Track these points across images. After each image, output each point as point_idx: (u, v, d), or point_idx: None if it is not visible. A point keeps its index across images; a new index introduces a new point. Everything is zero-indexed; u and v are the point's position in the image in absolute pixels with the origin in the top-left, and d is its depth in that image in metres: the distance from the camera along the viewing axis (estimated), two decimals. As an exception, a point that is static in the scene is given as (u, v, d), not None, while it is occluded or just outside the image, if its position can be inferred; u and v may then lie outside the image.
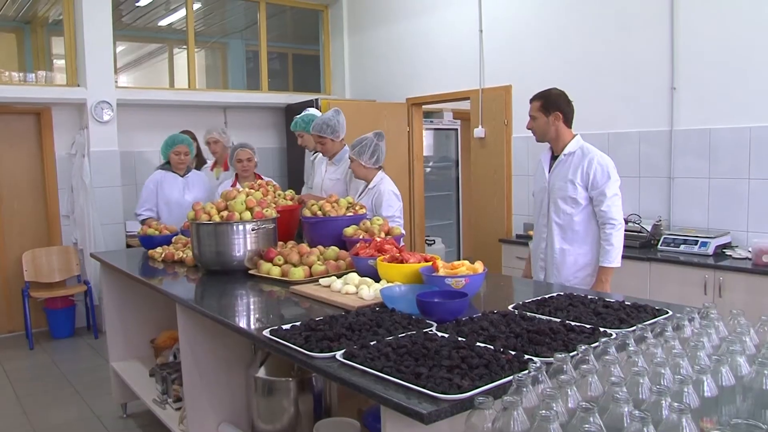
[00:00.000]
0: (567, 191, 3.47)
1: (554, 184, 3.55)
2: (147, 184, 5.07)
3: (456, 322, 2.17)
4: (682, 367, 1.55)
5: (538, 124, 3.55)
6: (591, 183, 3.40)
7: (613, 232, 3.36)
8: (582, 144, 3.52)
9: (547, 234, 3.61)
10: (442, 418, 1.51)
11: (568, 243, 3.53)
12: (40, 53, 7.06)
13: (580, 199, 3.45)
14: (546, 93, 3.60)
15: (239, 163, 4.87)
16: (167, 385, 3.68)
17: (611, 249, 3.36)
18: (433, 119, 8.15)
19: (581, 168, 3.44)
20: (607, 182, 3.38)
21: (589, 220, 3.49)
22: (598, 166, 3.40)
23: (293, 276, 3.14)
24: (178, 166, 5.05)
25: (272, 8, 7.87)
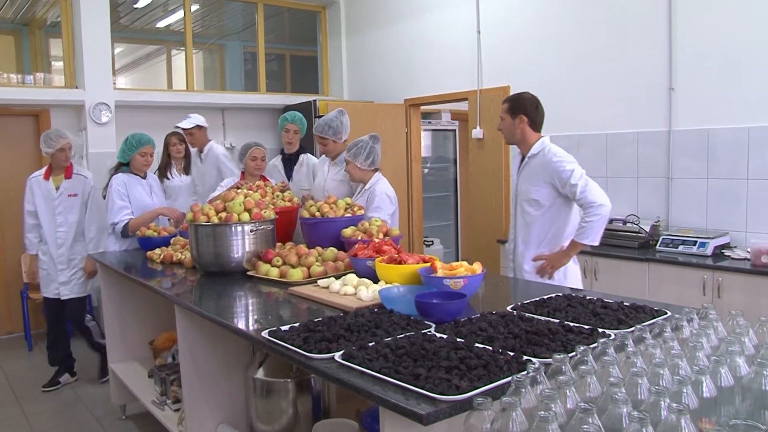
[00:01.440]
0: (530, 193, 3.53)
1: (521, 186, 3.62)
2: (116, 188, 4.50)
3: (454, 323, 2.17)
4: (680, 368, 1.55)
5: (505, 125, 3.62)
6: (558, 182, 3.43)
7: (593, 211, 3.33)
8: (545, 146, 3.55)
9: (515, 235, 3.69)
10: (441, 419, 1.51)
11: (529, 244, 3.58)
12: (38, 55, 7.06)
13: (543, 201, 3.49)
14: (515, 96, 3.67)
15: (253, 161, 4.78)
16: (166, 386, 3.68)
17: (586, 226, 3.34)
18: (431, 120, 8.16)
19: (543, 170, 3.48)
20: (571, 173, 3.38)
21: (551, 223, 3.53)
22: (557, 164, 3.43)
23: (292, 277, 3.14)
24: (142, 168, 4.66)
25: (270, 9, 7.87)
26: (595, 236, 3.36)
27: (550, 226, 3.53)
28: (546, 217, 3.52)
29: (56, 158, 4.76)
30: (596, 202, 3.33)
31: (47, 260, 4.87)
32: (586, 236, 3.35)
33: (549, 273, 3.50)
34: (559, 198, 3.48)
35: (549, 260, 3.50)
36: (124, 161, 4.64)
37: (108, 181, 4.62)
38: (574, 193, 3.36)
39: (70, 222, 4.84)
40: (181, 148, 5.80)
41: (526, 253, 3.59)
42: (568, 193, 3.41)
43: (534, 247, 3.57)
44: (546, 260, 3.51)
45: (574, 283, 3.54)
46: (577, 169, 3.39)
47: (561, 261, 3.49)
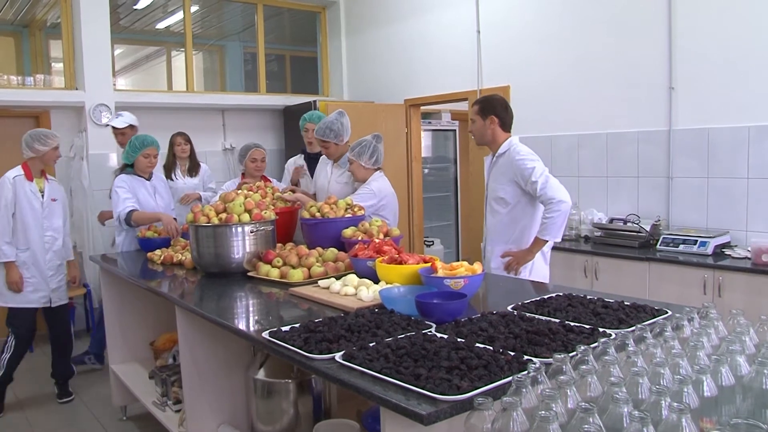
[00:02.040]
0: (497, 191, 3.63)
1: (490, 185, 3.72)
2: (119, 185, 4.51)
3: (455, 323, 2.17)
4: (681, 367, 1.55)
5: (476, 127, 3.70)
6: (521, 179, 3.50)
7: (552, 207, 3.40)
8: (512, 145, 3.61)
9: (485, 233, 3.79)
10: (442, 419, 1.51)
11: (497, 243, 3.68)
12: (39, 56, 7.06)
13: (509, 198, 3.59)
14: (485, 98, 3.75)
15: (253, 162, 4.84)
16: (167, 387, 3.68)
17: (547, 222, 3.43)
18: (431, 120, 8.16)
19: (508, 168, 3.56)
20: (532, 171, 3.45)
21: (517, 221, 3.62)
22: (519, 162, 3.50)
23: (292, 278, 3.14)
24: (146, 170, 4.65)
25: (270, 10, 7.87)
26: (556, 232, 3.44)
27: (516, 223, 3.62)
28: (512, 215, 3.62)
29: (48, 157, 4.54)
30: (555, 198, 3.39)
31: (32, 267, 4.53)
32: (548, 233, 3.44)
33: (515, 269, 3.59)
34: (524, 196, 3.57)
35: (515, 257, 3.59)
36: (129, 163, 4.65)
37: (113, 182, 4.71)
38: (535, 189, 3.44)
39: (55, 226, 4.63)
40: (186, 148, 5.79)
41: (495, 250, 3.68)
42: (530, 190, 3.48)
43: (502, 244, 3.66)
44: (512, 257, 3.59)
45: (540, 279, 3.63)
46: (539, 167, 3.46)
47: (526, 258, 3.58)
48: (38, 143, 4.47)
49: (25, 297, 4.51)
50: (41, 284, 4.56)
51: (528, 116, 5.58)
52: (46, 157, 4.54)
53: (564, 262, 4.73)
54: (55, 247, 4.63)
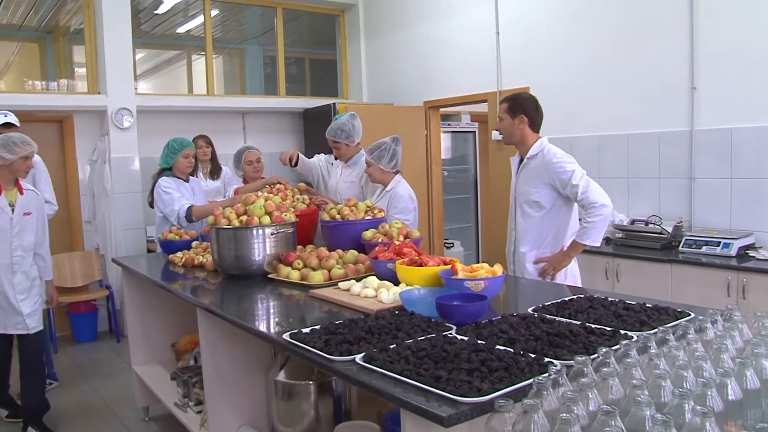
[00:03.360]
0: (530, 195, 3.52)
1: (520, 188, 3.61)
2: (165, 186, 4.60)
3: (475, 325, 2.17)
4: (705, 370, 1.53)
5: (503, 126, 3.58)
6: (559, 183, 3.41)
7: (595, 211, 3.33)
8: (544, 146, 3.53)
9: (515, 238, 3.67)
10: (462, 421, 1.51)
11: (531, 246, 3.58)
12: (62, 62, 7.15)
13: (544, 202, 3.49)
14: (514, 96, 3.64)
15: (249, 165, 4.89)
16: (188, 388, 3.70)
17: (588, 226, 3.35)
18: (450, 122, 8.15)
19: (543, 171, 3.46)
20: (571, 174, 3.36)
21: (551, 224, 3.53)
22: (557, 165, 3.41)
23: (312, 280, 3.15)
24: (186, 170, 4.77)
25: (289, 13, 7.91)
26: (597, 237, 3.37)
27: (550, 227, 3.54)
28: (546, 219, 3.52)
29: (16, 167, 3.94)
30: (598, 202, 3.33)
31: None
32: (588, 237, 3.36)
33: (551, 275, 3.51)
34: (560, 199, 3.48)
35: (550, 262, 3.52)
36: (167, 166, 4.73)
37: (153, 186, 4.74)
38: (576, 193, 3.36)
39: (25, 245, 4.05)
40: (207, 150, 5.85)
41: (528, 255, 3.59)
42: (569, 194, 3.41)
43: (535, 248, 3.57)
44: (548, 262, 3.52)
45: (574, 283, 3.57)
46: (578, 170, 3.38)
47: (562, 262, 3.51)
48: (4, 150, 3.86)
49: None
50: (10, 311, 4.01)
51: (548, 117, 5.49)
52: (14, 167, 3.93)
53: (585, 264, 4.68)
54: (24, 268, 4.06)
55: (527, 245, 3.59)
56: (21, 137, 3.95)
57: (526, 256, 3.59)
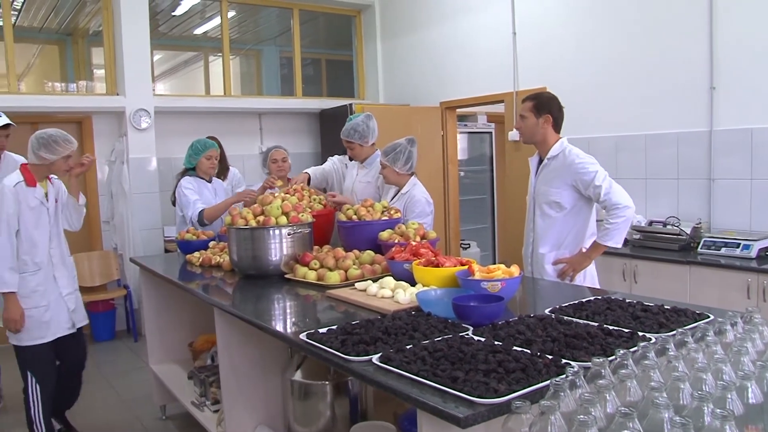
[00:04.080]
0: (551, 195, 3.50)
1: (539, 188, 3.58)
2: (185, 186, 4.68)
3: (492, 326, 2.16)
4: (724, 373, 1.52)
5: (527, 125, 3.54)
6: (581, 184, 3.40)
7: (618, 213, 3.32)
8: (565, 147, 3.51)
9: (533, 238, 3.65)
10: (479, 422, 1.51)
11: (550, 247, 3.56)
12: (81, 64, 7.22)
13: (564, 203, 3.47)
14: (539, 95, 3.62)
15: (274, 163, 4.92)
16: (205, 387, 3.72)
17: (610, 227, 3.33)
18: (467, 123, 8.14)
19: (565, 172, 3.45)
20: (594, 175, 3.36)
21: (571, 225, 3.52)
22: (579, 165, 3.40)
23: (329, 280, 3.16)
24: (209, 171, 4.86)
25: (305, 15, 7.94)
26: (619, 238, 3.35)
27: (570, 228, 3.52)
28: (566, 219, 3.51)
29: (56, 167, 3.71)
30: (621, 203, 3.32)
31: (47, 292, 3.73)
32: (610, 238, 3.34)
33: (571, 276, 3.49)
34: (581, 200, 3.47)
35: (570, 263, 3.49)
36: (191, 166, 4.84)
37: (176, 185, 4.83)
38: (598, 194, 3.34)
39: (62, 234, 3.87)
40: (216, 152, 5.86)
41: (547, 256, 3.56)
42: (591, 195, 3.40)
43: (555, 249, 3.55)
44: (567, 263, 3.50)
45: (592, 284, 3.55)
46: (601, 171, 3.37)
47: (582, 264, 3.49)
48: (46, 151, 3.62)
49: (45, 329, 3.71)
50: (61, 309, 3.79)
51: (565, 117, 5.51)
52: (54, 167, 3.71)
53: (602, 266, 4.65)
54: (67, 261, 3.91)
55: (546, 246, 3.56)
56: (63, 135, 3.70)
57: (545, 257, 3.56)
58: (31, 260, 3.64)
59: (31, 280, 3.64)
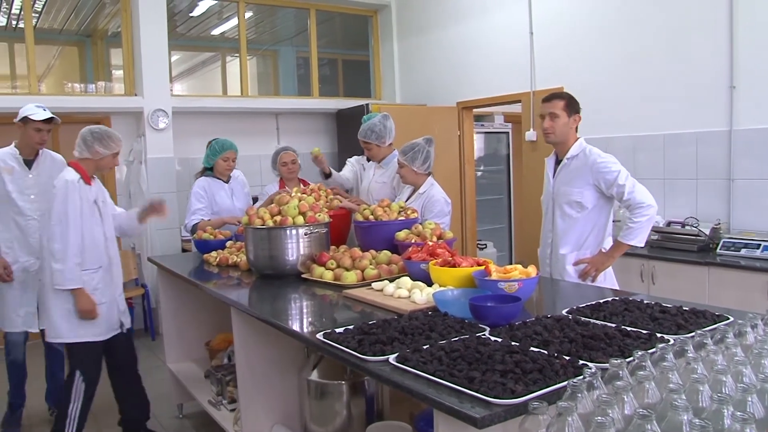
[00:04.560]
0: (572, 195, 3.48)
1: (559, 189, 3.56)
2: (196, 190, 4.72)
3: (509, 327, 2.16)
4: (744, 375, 1.50)
5: (559, 124, 3.48)
6: (603, 184, 3.39)
7: (642, 212, 3.31)
8: (584, 147, 3.50)
9: (552, 239, 3.63)
10: (496, 422, 1.50)
11: (572, 248, 3.54)
12: (100, 65, 7.28)
13: (586, 203, 3.46)
14: (568, 94, 3.59)
15: (284, 166, 4.87)
16: (222, 386, 3.74)
17: (634, 226, 3.32)
18: (483, 123, 8.12)
19: (586, 171, 3.43)
20: (617, 174, 3.35)
21: (594, 225, 3.51)
22: (601, 165, 3.39)
23: (346, 280, 3.16)
24: (225, 173, 4.84)
25: (322, 15, 7.95)
26: (642, 237, 3.34)
27: (591, 227, 3.52)
28: (588, 219, 3.50)
29: (104, 163, 3.76)
30: (645, 202, 3.32)
31: (106, 289, 3.73)
32: (634, 237, 3.33)
33: (593, 276, 3.47)
34: (601, 199, 3.47)
35: (592, 263, 3.48)
36: (209, 166, 4.83)
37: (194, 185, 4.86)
38: (622, 193, 3.34)
39: (114, 234, 3.88)
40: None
41: (569, 256, 3.55)
42: (614, 194, 3.39)
43: (576, 249, 3.54)
44: (589, 263, 3.48)
45: (612, 285, 3.53)
46: (623, 170, 3.37)
47: (605, 263, 3.48)
48: (99, 144, 3.66)
49: (97, 327, 3.68)
50: (114, 309, 3.79)
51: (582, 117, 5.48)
52: (103, 163, 3.74)
53: (620, 266, 4.62)
54: (119, 261, 3.92)
55: (567, 246, 3.55)
56: (114, 132, 3.79)
57: (566, 257, 3.55)
58: (93, 258, 3.65)
59: (93, 278, 3.65)
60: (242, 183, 5.06)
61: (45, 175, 4.09)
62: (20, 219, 4.09)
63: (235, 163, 4.88)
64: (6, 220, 4.10)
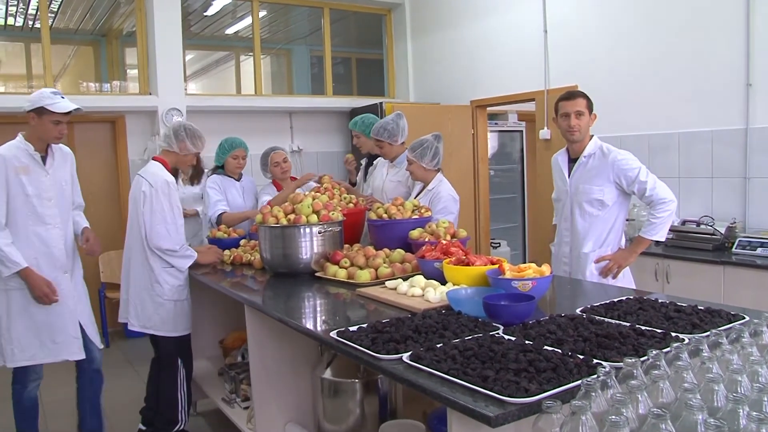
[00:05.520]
0: (593, 193, 3.49)
1: (577, 187, 3.56)
2: (210, 185, 4.70)
3: (523, 326, 2.15)
4: (760, 375, 1.50)
5: (584, 122, 3.50)
6: (625, 181, 3.42)
7: (665, 207, 3.36)
8: (600, 144, 3.54)
9: (571, 238, 3.63)
10: (509, 421, 1.50)
11: (593, 245, 3.54)
12: (115, 64, 7.34)
13: (607, 200, 3.48)
14: (581, 92, 3.62)
15: (276, 166, 4.80)
16: (236, 384, 3.76)
17: (657, 222, 3.38)
18: (497, 121, 8.10)
19: (606, 169, 3.45)
20: (639, 171, 3.39)
21: (614, 222, 3.54)
22: (622, 162, 3.43)
23: (359, 278, 3.17)
24: (235, 171, 4.84)
25: (336, 13, 7.97)
26: (664, 232, 3.40)
27: (612, 224, 3.54)
28: (607, 216, 3.52)
29: (186, 161, 3.89)
30: (667, 198, 3.37)
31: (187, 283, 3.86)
32: (656, 232, 3.38)
33: (615, 273, 3.48)
34: (620, 196, 3.50)
35: (614, 260, 3.48)
36: (219, 164, 4.85)
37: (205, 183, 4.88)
38: (644, 190, 3.37)
39: None
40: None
41: (591, 255, 3.54)
42: (635, 191, 3.42)
43: (597, 247, 3.54)
44: (611, 260, 3.48)
45: (630, 284, 3.55)
46: (643, 167, 3.41)
47: (628, 259, 3.50)
48: (190, 141, 3.76)
49: (189, 321, 3.86)
50: None
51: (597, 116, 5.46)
52: (186, 160, 3.85)
53: (634, 265, 4.57)
54: None
55: (589, 245, 3.54)
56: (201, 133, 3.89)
57: (588, 256, 3.54)
58: None
59: (185, 272, 3.80)
60: (253, 182, 5.10)
61: (59, 174, 3.61)
62: (41, 229, 3.49)
63: (245, 162, 4.87)
64: (26, 233, 3.45)
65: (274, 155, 4.83)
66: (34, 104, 3.43)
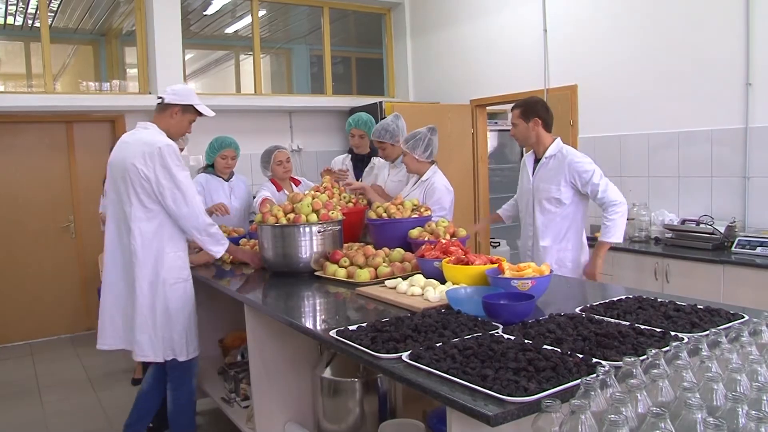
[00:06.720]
0: (551, 192, 3.78)
1: (538, 185, 3.87)
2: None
3: (522, 325, 2.16)
4: (759, 374, 1.50)
5: (519, 131, 3.85)
6: (579, 182, 3.69)
7: (615, 209, 3.64)
8: (561, 146, 3.83)
9: (533, 232, 3.93)
10: (509, 420, 1.50)
11: (552, 240, 3.84)
12: (114, 63, 7.33)
13: (564, 199, 3.76)
14: (525, 101, 3.90)
15: (279, 165, 4.80)
16: (235, 383, 3.77)
17: (610, 224, 3.65)
18: (497, 120, 8.10)
19: (563, 170, 3.73)
20: (592, 173, 3.67)
21: (572, 219, 3.83)
22: (577, 164, 3.71)
23: (359, 277, 3.17)
24: (224, 171, 4.85)
25: (335, 13, 7.96)
26: (620, 234, 3.69)
27: (570, 221, 3.82)
28: (564, 214, 3.81)
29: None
30: (617, 200, 3.65)
31: None
32: (612, 234, 3.67)
33: (596, 277, 3.76)
34: (577, 195, 3.78)
35: (588, 275, 3.79)
36: (209, 163, 4.88)
37: None
38: (596, 192, 3.66)
39: None
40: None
41: (550, 249, 3.83)
42: (587, 192, 3.70)
43: (556, 242, 3.84)
44: (586, 275, 3.80)
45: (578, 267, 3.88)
46: (597, 170, 3.70)
47: (597, 266, 3.77)
48: None
49: None
50: None
51: (596, 115, 5.47)
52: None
53: (634, 265, 4.63)
54: None
55: (548, 239, 3.85)
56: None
57: (548, 249, 3.84)
58: None
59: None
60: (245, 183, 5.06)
61: None
62: None
63: (234, 162, 4.84)
64: None
65: (278, 153, 4.84)
66: (183, 100, 3.49)
